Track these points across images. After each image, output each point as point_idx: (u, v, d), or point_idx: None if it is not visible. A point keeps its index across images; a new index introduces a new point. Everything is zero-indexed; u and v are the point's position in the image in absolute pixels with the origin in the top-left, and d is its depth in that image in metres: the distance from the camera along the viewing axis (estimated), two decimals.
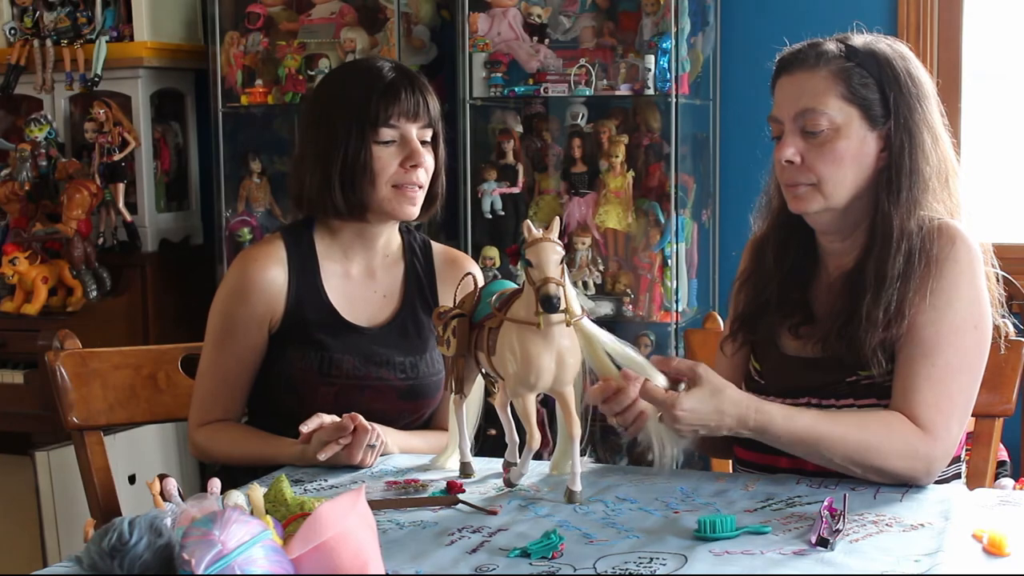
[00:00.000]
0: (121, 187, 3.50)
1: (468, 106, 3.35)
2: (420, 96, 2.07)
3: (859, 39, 1.81)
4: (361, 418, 1.85)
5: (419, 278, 2.18)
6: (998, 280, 1.82)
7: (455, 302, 1.78)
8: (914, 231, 1.75)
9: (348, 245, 2.14)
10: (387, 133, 2.04)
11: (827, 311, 1.83)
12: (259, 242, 2.19)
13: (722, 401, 1.66)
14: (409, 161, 2.05)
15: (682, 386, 1.67)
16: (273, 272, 2.08)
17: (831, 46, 1.79)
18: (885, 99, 1.77)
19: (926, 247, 1.74)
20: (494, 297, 1.68)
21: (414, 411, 2.11)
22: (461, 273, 2.16)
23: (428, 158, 2.08)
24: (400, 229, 2.20)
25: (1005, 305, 1.84)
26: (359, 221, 2.10)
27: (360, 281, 2.14)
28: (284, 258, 2.09)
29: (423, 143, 2.08)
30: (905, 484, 1.68)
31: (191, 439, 2.12)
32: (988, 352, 1.77)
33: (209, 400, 2.10)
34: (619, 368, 1.65)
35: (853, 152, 1.77)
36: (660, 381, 1.65)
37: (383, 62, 2.14)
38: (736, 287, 1.98)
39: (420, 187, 2.08)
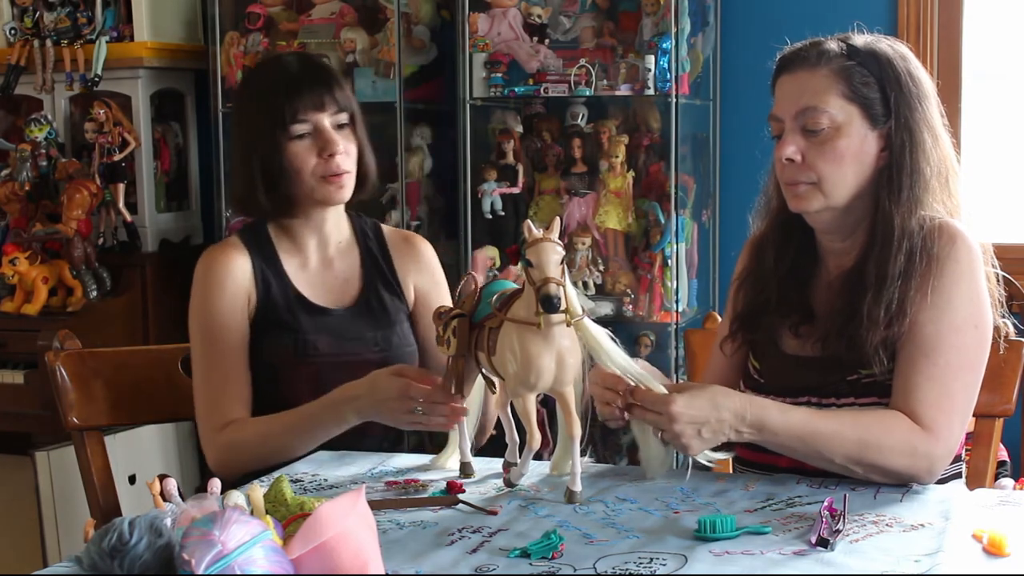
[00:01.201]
0: (121, 187, 3.50)
1: (468, 106, 3.35)
2: (325, 85, 2.09)
3: (860, 39, 1.81)
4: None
5: (375, 259, 2.21)
6: (998, 280, 1.82)
7: (455, 302, 1.78)
8: (915, 230, 1.75)
9: (299, 236, 2.17)
10: (298, 128, 2.07)
11: (827, 310, 1.83)
12: (219, 243, 2.22)
13: (714, 394, 1.66)
14: (325, 151, 2.08)
15: None
16: (237, 261, 2.11)
17: (832, 45, 1.80)
18: (886, 98, 1.77)
19: (927, 246, 1.74)
20: (494, 297, 1.68)
21: None
22: (415, 250, 2.24)
23: (347, 142, 2.11)
24: (349, 214, 2.23)
25: (1005, 305, 1.84)
26: (290, 216, 2.14)
27: (319, 270, 2.18)
28: (245, 251, 2.13)
29: (340, 127, 2.11)
30: (907, 483, 1.68)
31: (213, 448, 2.03)
32: (988, 351, 1.77)
33: (218, 403, 2.05)
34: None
35: (854, 151, 1.77)
36: (662, 390, 1.65)
37: (290, 57, 2.20)
38: (735, 287, 1.98)
39: (345, 172, 2.10)
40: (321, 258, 2.18)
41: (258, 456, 1.98)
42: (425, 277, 2.23)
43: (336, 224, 2.20)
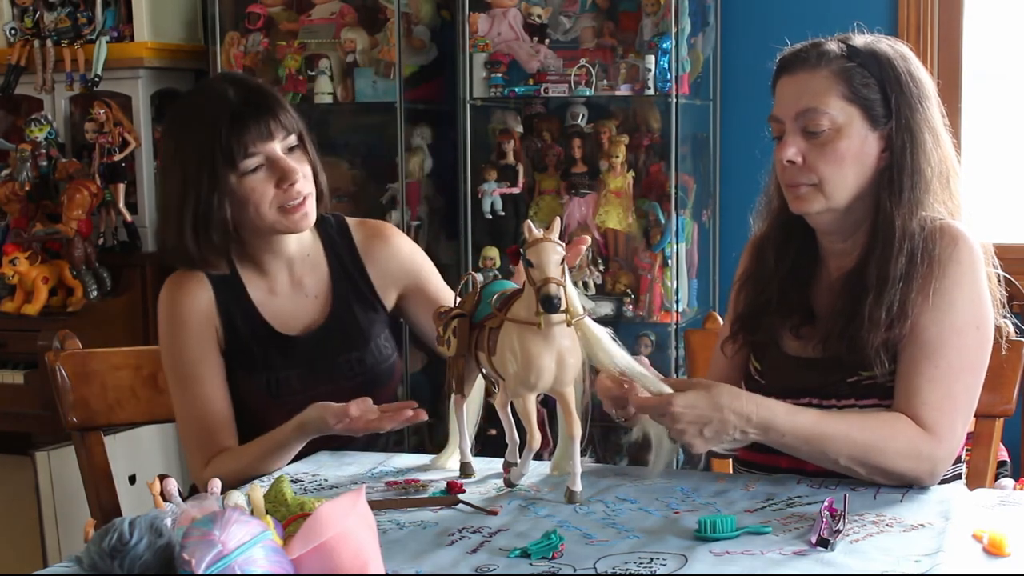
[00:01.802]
0: (121, 187, 3.50)
1: (468, 106, 3.35)
2: (270, 112, 1.96)
3: (860, 39, 1.81)
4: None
5: (344, 267, 2.12)
6: (1000, 281, 1.82)
7: (455, 302, 1.78)
8: (916, 231, 1.75)
9: (264, 262, 2.07)
10: (250, 162, 1.95)
11: (828, 311, 1.83)
12: (178, 274, 2.08)
13: (718, 395, 1.65)
14: (284, 182, 1.96)
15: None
16: (199, 296, 2.02)
17: (832, 46, 1.79)
18: (886, 99, 1.77)
19: (928, 247, 1.74)
20: (495, 297, 1.68)
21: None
22: (385, 244, 2.14)
23: (301, 166, 1.99)
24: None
25: (1007, 306, 1.84)
26: (231, 259, 2.03)
27: (288, 293, 2.09)
28: (206, 282, 2.03)
29: (291, 150, 1.99)
30: (909, 485, 1.68)
31: (199, 482, 1.99)
32: (990, 352, 1.77)
33: (202, 437, 2.00)
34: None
35: (854, 152, 1.76)
36: (663, 389, 1.65)
37: (223, 86, 2.01)
38: (736, 288, 1.98)
39: (307, 196, 1.99)
40: (289, 280, 2.09)
41: (239, 481, 1.92)
42: (409, 273, 2.14)
43: (299, 241, 2.08)
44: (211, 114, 1.97)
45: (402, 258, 2.16)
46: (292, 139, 2.00)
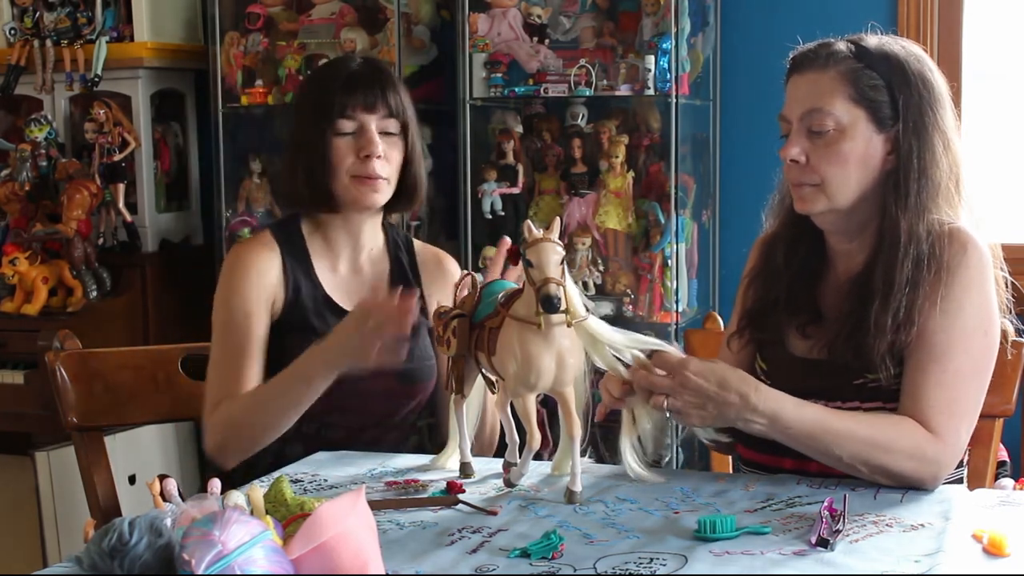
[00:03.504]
0: (121, 187, 3.50)
1: (468, 106, 3.35)
2: (380, 88, 2.11)
3: (872, 40, 1.80)
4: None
5: (404, 271, 2.22)
6: (1006, 285, 1.81)
7: (455, 302, 1.78)
8: (923, 236, 1.74)
9: (334, 239, 2.18)
10: (345, 124, 2.09)
11: (835, 313, 1.82)
12: (250, 237, 2.21)
13: (729, 373, 1.66)
14: (363, 152, 2.09)
15: None
16: (267, 258, 2.12)
17: (842, 46, 1.79)
18: (894, 102, 1.76)
19: (936, 253, 1.73)
20: (500, 295, 1.68)
21: (411, 394, 2.13)
22: (444, 270, 2.24)
23: (390, 149, 2.11)
24: (384, 225, 2.24)
25: (1013, 311, 1.84)
26: (329, 211, 2.14)
27: (347, 276, 2.18)
28: (276, 248, 2.14)
29: (387, 134, 2.11)
30: (912, 487, 1.67)
31: (208, 428, 2.04)
32: (995, 358, 1.77)
33: (222, 385, 2.05)
34: (627, 366, 1.66)
35: (858, 154, 1.76)
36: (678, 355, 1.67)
37: (353, 58, 2.22)
38: (744, 283, 1.98)
39: (381, 178, 2.10)
40: (351, 266, 2.19)
41: (249, 428, 1.99)
42: (446, 297, 2.18)
43: (372, 234, 2.21)
44: (332, 75, 2.17)
45: (448, 284, 2.19)
46: (392, 123, 2.12)
